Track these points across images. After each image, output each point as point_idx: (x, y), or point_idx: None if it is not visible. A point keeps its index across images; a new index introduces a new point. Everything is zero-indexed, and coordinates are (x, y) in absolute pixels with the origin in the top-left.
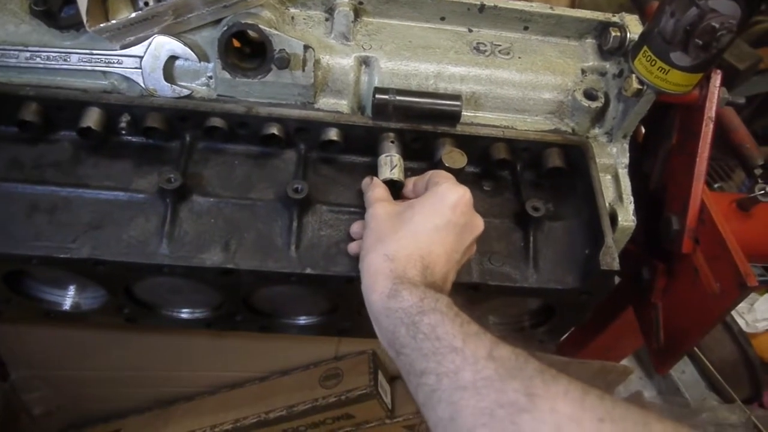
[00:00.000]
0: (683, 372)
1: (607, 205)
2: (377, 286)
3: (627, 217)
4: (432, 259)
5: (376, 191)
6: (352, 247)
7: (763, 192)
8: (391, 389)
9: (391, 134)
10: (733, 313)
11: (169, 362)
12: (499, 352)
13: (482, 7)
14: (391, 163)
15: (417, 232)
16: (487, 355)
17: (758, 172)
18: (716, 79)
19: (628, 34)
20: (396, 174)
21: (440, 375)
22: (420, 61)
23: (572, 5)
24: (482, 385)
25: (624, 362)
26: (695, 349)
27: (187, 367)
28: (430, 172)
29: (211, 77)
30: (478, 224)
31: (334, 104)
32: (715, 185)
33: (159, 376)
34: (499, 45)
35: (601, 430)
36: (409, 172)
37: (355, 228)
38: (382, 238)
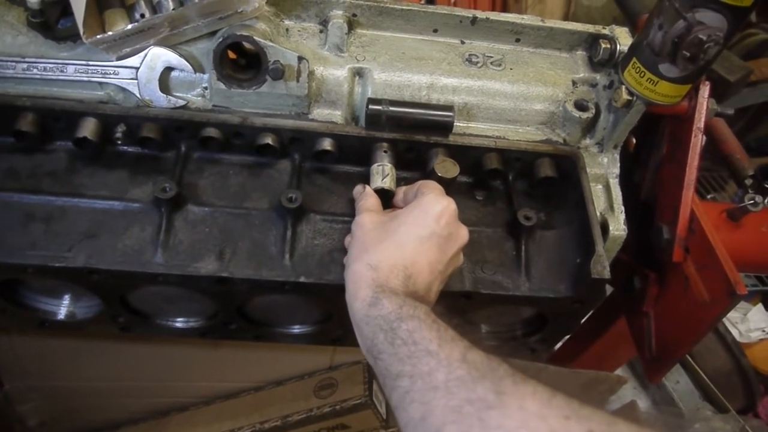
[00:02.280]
0: (677, 382)
1: (598, 214)
2: (359, 294)
3: (618, 227)
4: (415, 269)
5: (367, 201)
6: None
7: (752, 202)
8: (386, 399)
9: (384, 144)
10: (726, 323)
11: (163, 373)
12: (472, 355)
13: (474, 20)
14: (382, 172)
15: (401, 243)
16: (461, 357)
17: (748, 182)
18: (705, 90)
19: (618, 46)
20: (387, 183)
21: (414, 377)
22: (413, 72)
23: (565, 18)
24: (454, 385)
25: (618, 372)
26: (689, 359)
27: (182, 378)
28: (419, 182)
29: (206, 88)
30: (463, 235)
31: (328, 115)
32: (708, 196)
33: (153, 386)
34: (491, 57)
35: (567, 426)
36: (402, 181)
37: (348, 240)
38: (367, 247)
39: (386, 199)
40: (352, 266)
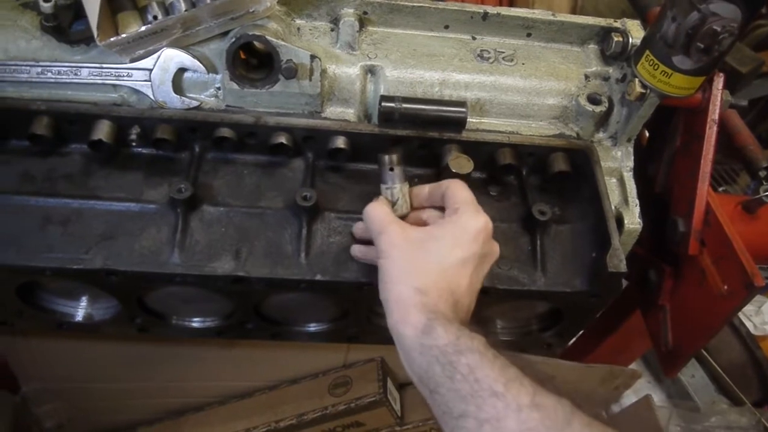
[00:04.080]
0: (692, 376)
1: (612, 208)
2: (410, 319)
3: (633, 220)
4: (459, 292)
5: (380, 211)
6: (356, 250)
7: (767, 193)
8: (401, 396)
9: (386, 158)
10: (741, 315)
11: (178, 373)
12: (542, 399)
13: (485, 15)
14: (392, 196)
15: (444, 266)
16: (530, 402)
17: (763, 174)
18: (719, 81)
19: (630, 39)
20: (400, 209)
21: (481, 421)
22: (425, 69)
23: (573, 12)
24: None
25: (632, 366)
26: (704, 352)
27: (197, 378)
28: (447, 182)
29: (219, 88)
30: (496, 251)
31: (341, 113)
32: (720, 189)
33: (169, 387)
34: (503, 52)
35: None
36: (415, 179)
37: (358, 230)
38: (409, 269)
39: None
40: (395, 289)
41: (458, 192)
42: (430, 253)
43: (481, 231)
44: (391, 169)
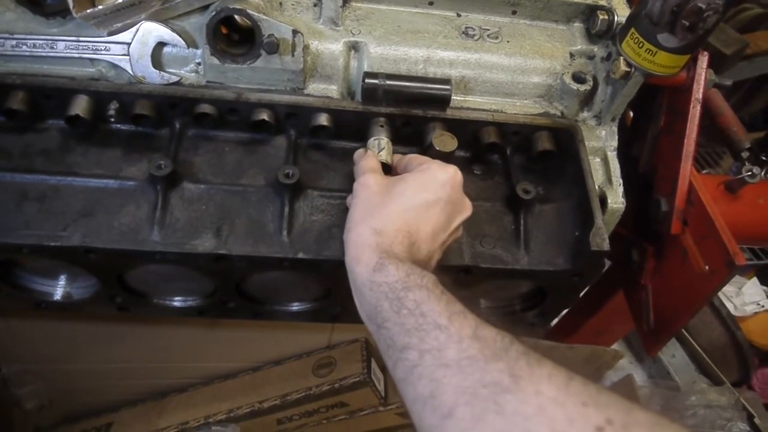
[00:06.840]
0: (673, 356)
1: (596, 187)
2: (363, 258)
3: (616, 199)
4: (419, 236)
5: (369, 161)
6: None
7: (750, 174)
8: (384, 377)
9: (381, 119)
10: (721, 296)
11: (161, 354)
12: (483, 332)
13: None
14: (379, 145)
15: (406, 207)
16: (472, 334)
17: (745, 155)
18: (703, 60)
19: (616, 17)
20: (383, 156)
21: (423, 351)
22: (409, 45)
23: None
24: (466, 364)
25: (614, 347)
26: (685, 332)
27: (180, 359)
28: (410, 155)
29: (199, 64)
30: (467, 206)
31: (324, 89)
32: (703, 171)
33: (151, 368)
34: (488, 29)
35: (584, 413)
36: (399, 156)
37: (350, 199)
38: (371, 211)
39: (385, 172)
40: (354, 229)
41: (422, 157)
42: (395, 195)
43: (449, 179)
44: (381, 126)
